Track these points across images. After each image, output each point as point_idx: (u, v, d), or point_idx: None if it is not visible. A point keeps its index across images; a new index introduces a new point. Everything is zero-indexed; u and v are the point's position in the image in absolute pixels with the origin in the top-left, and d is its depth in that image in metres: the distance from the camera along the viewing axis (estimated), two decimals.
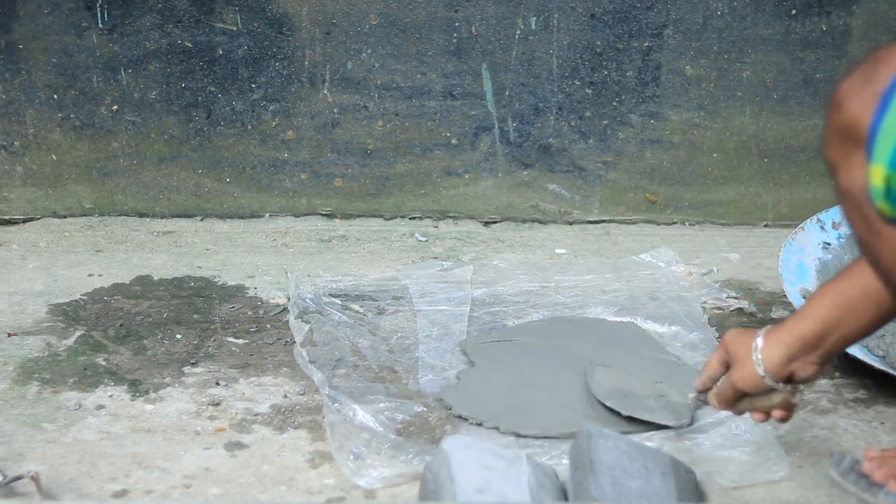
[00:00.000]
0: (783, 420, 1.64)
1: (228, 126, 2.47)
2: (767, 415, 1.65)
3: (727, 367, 1.66)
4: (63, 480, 1.68)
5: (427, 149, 2.48)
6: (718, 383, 1.67)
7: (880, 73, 1.37)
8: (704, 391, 1.71)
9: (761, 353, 1.58)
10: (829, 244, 2.15)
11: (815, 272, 2.11)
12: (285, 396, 1.89)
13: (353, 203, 2.52)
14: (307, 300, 2.15)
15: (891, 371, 1.87)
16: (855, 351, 1.92)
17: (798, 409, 1.66)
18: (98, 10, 2.39)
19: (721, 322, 2.12)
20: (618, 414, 1.80)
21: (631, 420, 1.79)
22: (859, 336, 1.58)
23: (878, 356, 1.96)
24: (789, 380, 1.59)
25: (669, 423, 1.79)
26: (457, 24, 2.40)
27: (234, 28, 2.40)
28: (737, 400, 1.65)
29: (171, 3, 2.38)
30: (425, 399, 1.87)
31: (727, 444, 1.75)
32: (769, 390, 1.60)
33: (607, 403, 1.81)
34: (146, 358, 2.01)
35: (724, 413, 1.82)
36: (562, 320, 2.11)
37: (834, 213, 2.17)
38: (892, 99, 1.34)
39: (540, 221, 2.52)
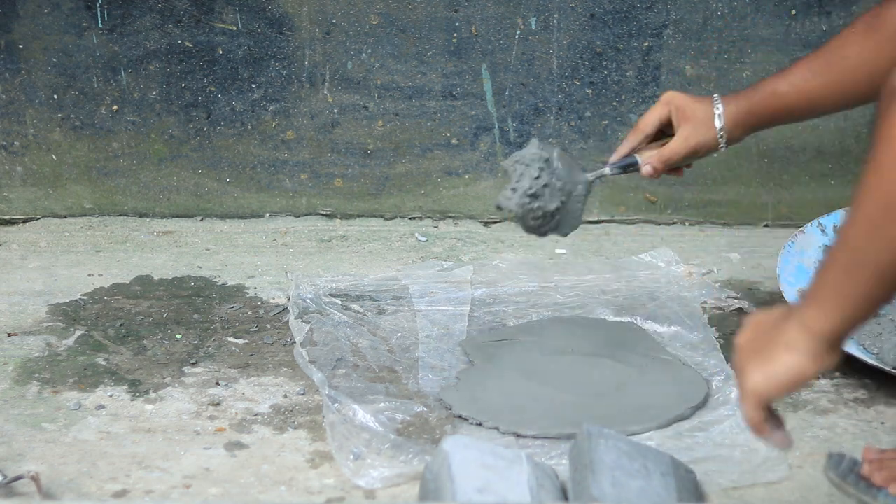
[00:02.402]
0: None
1: (228, 126, 2.47)
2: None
3: (661, 127, 1.84)
4: (63, 480, 1.68)
5: (427, 149, 2.49)
6: (659, 150, 1.83)
7: None
8: (633, 152, 1.85)
9: (726, 130, 1.78)
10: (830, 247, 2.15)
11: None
12: (285, 396, 1.90)
13: (353, 203, 2.52)
14: (307, 300, 2.15)
15: (891, 371, 1.88)
16: (853, 350, 1.92)
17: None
18: (98, 10, 2.39)
19: (721, 322, 2.12)
20: None
21: None
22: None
23: (872, 353, 1.97)
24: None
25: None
26: (457, 24, 2.40)
27: (234, 28, 2.40)
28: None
29: (171, 3, 2.38)
30: (425, 399, 1.87)
31: (727, 444, 1.75)
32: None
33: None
34: (146, 358, 2.01)
35: (724, 412, 1.82)
36: (562, 320, 2.11)
37: (835, 218, 2.17)
38: None
39: None
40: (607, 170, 1.88)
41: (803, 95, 1.77)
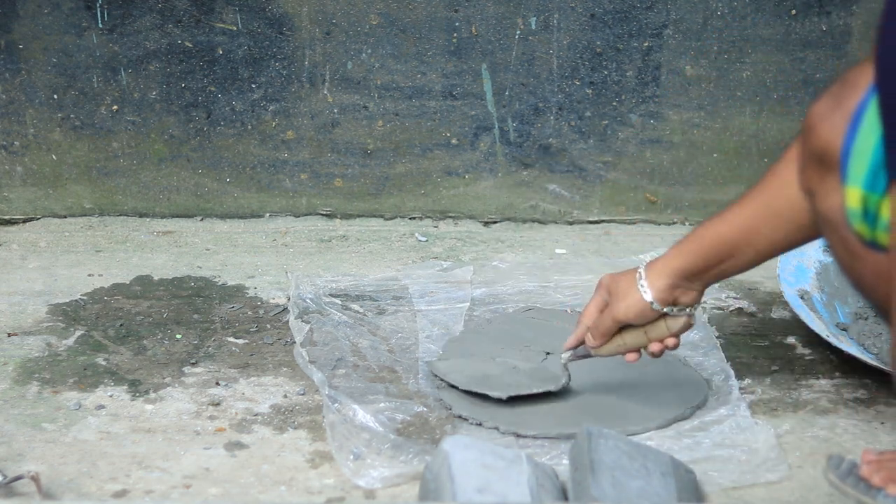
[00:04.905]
0: (674, 347, 1.72)
1: (228, 126, 2.47)
2: (639, 352, 1.74)
3: (603, 310, 1.74)
4: (63, 480, 1.68)
5: (427, 149, 2.49)
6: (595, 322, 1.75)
7: (849, 95, 1.36)
8: (579, 344, 1.78)
9: (646, 280, 1.67)
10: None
11: (815, 273, 2.11)
12: (285, 396, 1.90)
13: (353, 203, 2.52)
14: (307, 300, 2.15)
15: (891, 371, 1.87)
16: (853, 350, 1.92)
17: (683, 331, 1.72)
18: (98, 10, 2.39)
19: (721, 322, 2.13)
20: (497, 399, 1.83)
21: (511, 399, 1.83)
22: (745, 268, 1.66)
23: (872, 353, 1.97)
24: (674, 304, 1.69)
25: (549, 388, 1.83)
26: (457, 24, 2.40)
27: (234, 28, 2.40)
28: (614, 333, 1.73)
29: (171, 3, 2.38)
30: (425, 399, 1.87)
31: (727, 444, 1.75)
32: (652, 319, 1.69)
33: (479, 391, 1.85)
34: (146, 358, 2.01)
35: (724, 412, 1.82)
36: (557, 315, 2.11)
37: None
38: (862, 120, 1.34)
39: (540, 221, 2.52)
40: (566, 355, 1.82)
41: (743, 229, 1.61)
